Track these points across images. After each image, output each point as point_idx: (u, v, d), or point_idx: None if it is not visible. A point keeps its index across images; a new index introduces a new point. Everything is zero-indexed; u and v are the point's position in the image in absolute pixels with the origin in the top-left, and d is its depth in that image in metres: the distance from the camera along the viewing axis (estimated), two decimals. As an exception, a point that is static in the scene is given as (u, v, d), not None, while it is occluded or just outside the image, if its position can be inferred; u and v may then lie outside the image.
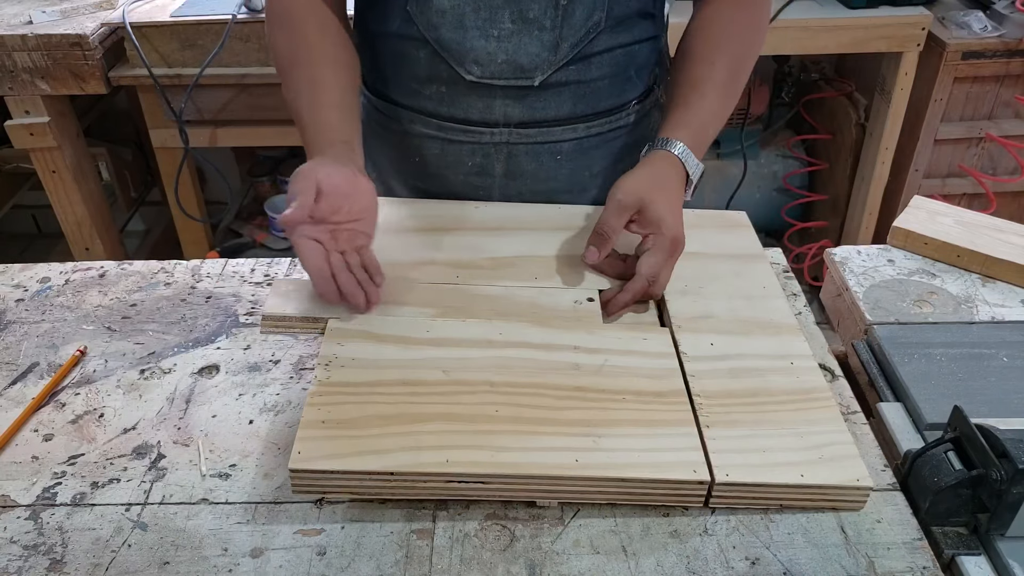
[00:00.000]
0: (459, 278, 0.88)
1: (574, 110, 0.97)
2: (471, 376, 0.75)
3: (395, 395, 0.73)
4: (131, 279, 0.95)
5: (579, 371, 0.76)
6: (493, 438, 0.69)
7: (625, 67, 0.97)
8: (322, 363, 0.76)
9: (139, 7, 1.84)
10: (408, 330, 0.80)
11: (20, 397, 0.80)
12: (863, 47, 1.93)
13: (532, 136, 0.98)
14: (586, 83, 0.95)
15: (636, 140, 1.03)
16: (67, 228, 2.00)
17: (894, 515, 0.69)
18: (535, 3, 0.89)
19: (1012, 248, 0.95)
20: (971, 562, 0.66)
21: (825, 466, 0.68)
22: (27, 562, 0.65)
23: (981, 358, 0.83)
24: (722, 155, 2.30)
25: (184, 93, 1.80)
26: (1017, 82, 2.02)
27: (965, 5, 2.05)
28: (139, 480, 0.72)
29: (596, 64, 0.94)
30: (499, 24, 0.90)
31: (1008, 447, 0.63)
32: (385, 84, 1.01)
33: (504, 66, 0.92)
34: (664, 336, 0.82)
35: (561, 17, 0.90)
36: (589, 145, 1.00)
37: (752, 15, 0.96)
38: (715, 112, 0.93)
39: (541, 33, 0.90)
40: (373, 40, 0.99)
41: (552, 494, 0.68)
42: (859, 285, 0.94)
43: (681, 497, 0.68)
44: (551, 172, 1.01)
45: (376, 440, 0.68)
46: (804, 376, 0.77)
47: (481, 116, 0.96)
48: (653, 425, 0.71)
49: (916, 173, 2.14)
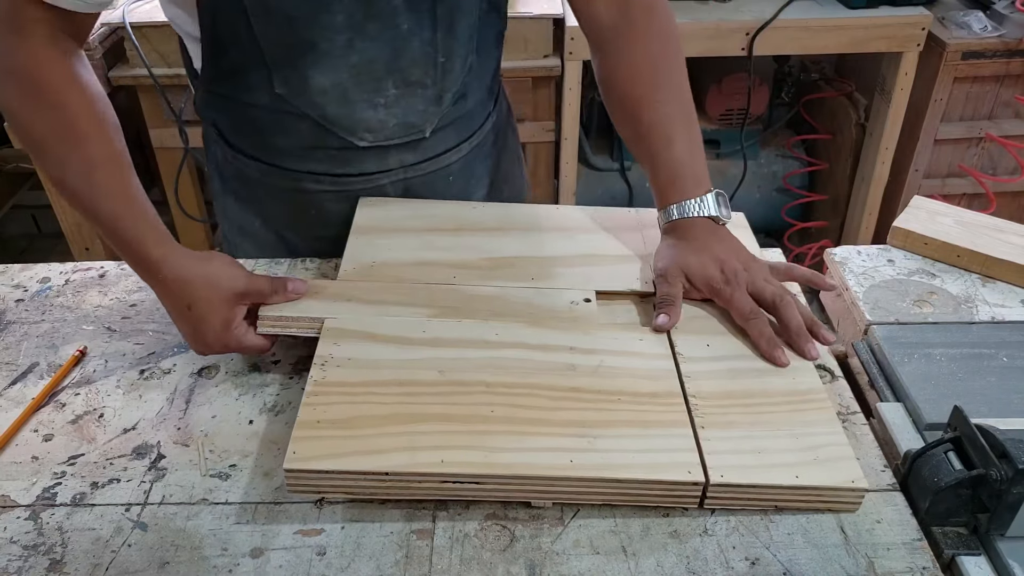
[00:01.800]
0: (456, 278, 0.88)
1: (459, 138, 1.01)
2: (467, 376, 0.75)
3: (391, 395, 0.73)
4: (131, 279, 0.95)
5: (575, 372, 0.76)
6: (488, 438, 0.69)
7: (490, 84, 1.01)
8: (318, 362, 0.75)
9: (139, 7, 1.84)
10: (404, 330, 0.80)
11: (20, 397, 0.80)
12: (863, 47, 1.93)
13: (425, 168, 1.00)
14: (464, 115, 0.99)
15: (498, 129, 1.08)
16: (67, 228, 2.00)
17: (894, 515, 0.69)
18: (415, 67, 0.89)
19: (1012, 248, 0.95)
20: (971, 562, 0.66)
21: (820, 467, 0.68)
22: (27, 562, 0.65)
23: (981, 358, 0.83)
24: (722, 155, 2.30)
25: (184, 93, 1.80)
26: (1017, 82, 2.02)
27: (965, 5, 2.05)
28: (139, 480, 0.72)
29: (470, 95, 0.97)
30: (384, 92, 0.90)
31: (1008, 447, 0.63)
32: (256, 149, 0.97)
33: (396, 128, 0.93)
34: (660, 337, 0.82)
35: (441, 73, 0.91)
36: (471, 158, 1.04)
37: (664, 39, 0.93)
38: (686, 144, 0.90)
39: (424, 91, 0.92)
40: (235, 107, 0.93)
41: (547, 494, 0.68)
42: (859, 285, 0.94)
43: (676, 498, 0.68)
44: (444, 191, 1.03)
45: (371, 440, 0.68)
46: (800, 377, 0.77)
47: (377, 167, 0.97)
48: (648, 426, 0.71)
49: (916, 173, 2.14)
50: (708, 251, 0.85)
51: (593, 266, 0.91)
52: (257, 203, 1.02)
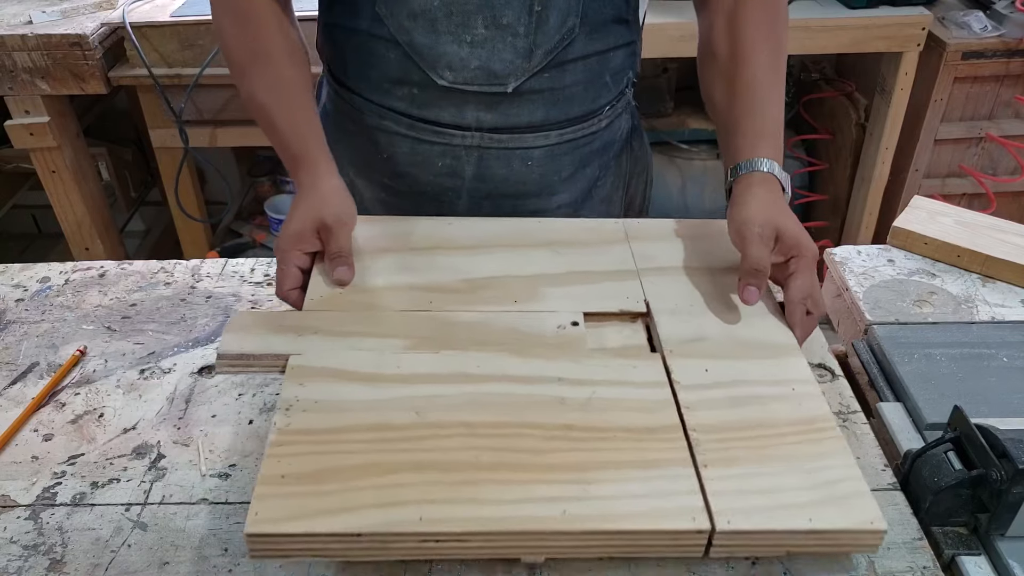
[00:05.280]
0: (433, 303, 0.82)
1: (547, 116, 0.96)
2: (446, 417, 0.69)
3: (362, 443, 0.66)
4: (131, 279, 0.95)
5: (564, 406, 0.70)
6: (471, 489, 0.63)
7: (600, 73, 0.96)
8: (282, 407, 0.68)
9: (139, 7, 1.85)
10: (377, 366, 0.73)
11: (20, 397, 0.80)
12: (863, 47, 1.93)
13: (504, 141, 0.97)
14: (560, 90, 0.94)
15: (605, 144, 1.03)
16: (67, 228, 2.00)
17: (894, 515, 0.69)
18: (508, 9, 0.88)
19: (1012, 248, 0.95)
20: (971, 562, 0.66)
21: (835, 507, 0.62)
22: (27, 562, 0.65)
23: (981, 358, 0.83)
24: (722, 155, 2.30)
25: (184, 93, 1.80)
26: (1017, 82, 2.02)
27: (965, 5, 2.05)
28: (139, 480, 0.72)
29: (570, 71, 0.93)
30: (472, 29, 0.89)
31: (1008, 447, 0.63)
32: (353, 80, 0.99)
33: (477, 72, 0.91)
34: (655, 363, 0.76)
35: (535, 23, 0.89)
36: (560, 151, 1.00)
37: (774, 9, 0.93)
38: (778, 111, 0.90)
39: (515, 39, 0.89)
40: (341, 35, 0.97)
41: (539, 550, 0.63)
42: (859, 285, 0.94)
43: (679, 547, 0.62)
44: (521, 176, 1.00)
45: (341, 496, 0.62)
46: (807, 403, 0.71)
47: (453, 120, 0.95)
48: (646, 466, 0.65)
49: (916, 173, 2.14)
50: (794, 217, 0.82)
51: (580, 284, 0.86)
52: (340, 141, 1.01)
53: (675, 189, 2.34)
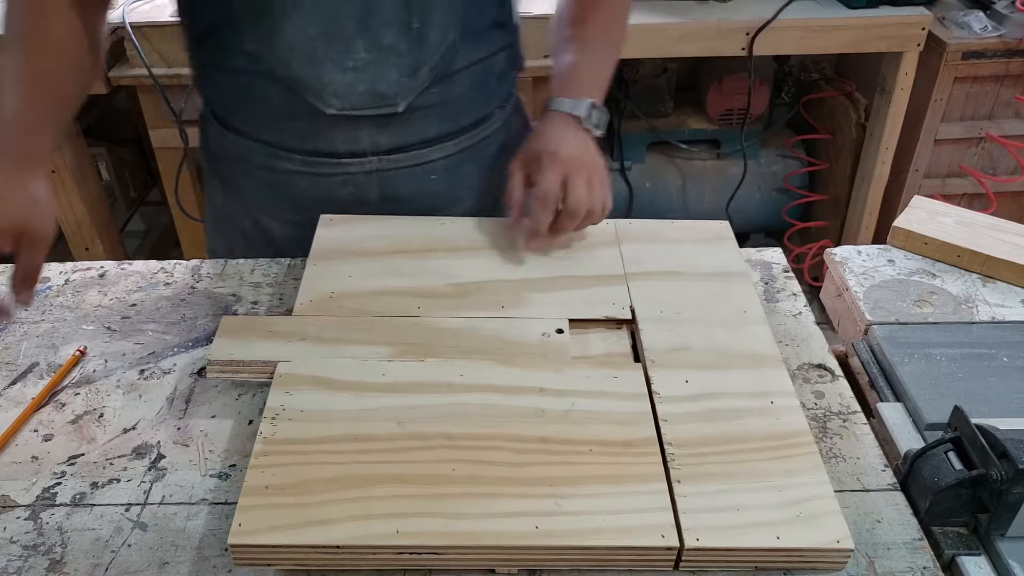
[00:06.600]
0: (420, 309, 0.83)
1: (440, 129, 0.97)
2: (427, 428, 0.70)
3: (344, 453, 0.68)
4: (131, 279, 0.95)
5: (543, 418, 0.71)
6: (447, 503, 0.64)
7: (485, 80, 0.98)
8: (268, 416, 0.70)
9: (139, 7, 1.84)
10: (362, 374, 0.75)
11: (20, 397, 0.80)
12: (863, 47, 1.93)
13: (403, 160, 0.97)
14: (450, 102, 0.95)
15: (503, 144, 1.04)
16: (67, 228, 2.00)
17: (894, 515, 0.69)
18: (388, 30, 0.87)
19: (1012, 248, 0.95)
20: (971, 562, 0.66)
21: (804, 525, 0.64)
22: (27, 562, 0.65)
23: (981, 358, 0.83)
24: (722, 155, 2.30)
25: (184, 93, 1.80)
26: (1017, 82, 2.02)
27: (965, 5, 2.05)
28: (139, 480, 0.72)
29: (458, 82, 0.94)
30: (354, 54, 0.88)
31: (1008, 447, 0.63)
32: (238, 120, 0.97)
33: (364, 96, 0.90)
34: (636, 373, 0.77)
35: (416, 41, 0.88)
36: (460, 159, 1.01)
37: None
38: (593, 61, 0.97)
39: (398, 59, 0.89)
40: (215, 76, 0.95)
41: (511, 562, 0.64)
42: (859, 285, 0.94)
43: (649, 562, 0.64)
44: (427, 190, 1.00)
45: (321, 508, 0.63)
46: (784, 417, 0.72)
47: (348, 147, 0.94)
48: (620, 482, 0.66)
49: (916, 173, 2.14)
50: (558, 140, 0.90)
51: (567, 289, 0.87)
52: (236, 183, 1.02)
53: (675, 189, 2.34)
